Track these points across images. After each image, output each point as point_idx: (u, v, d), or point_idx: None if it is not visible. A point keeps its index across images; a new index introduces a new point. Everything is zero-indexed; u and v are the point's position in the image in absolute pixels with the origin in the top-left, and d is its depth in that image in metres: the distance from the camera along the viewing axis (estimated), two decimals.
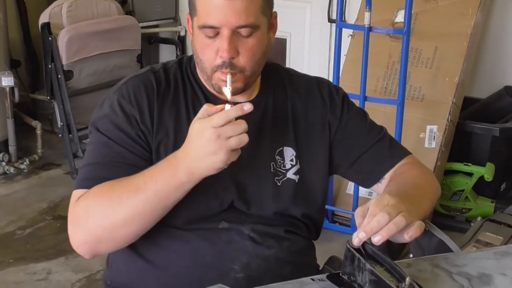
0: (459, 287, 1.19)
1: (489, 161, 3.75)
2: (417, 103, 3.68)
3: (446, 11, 3.78)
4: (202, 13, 1.46)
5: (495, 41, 4.17)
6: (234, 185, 1.53)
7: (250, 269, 1.50)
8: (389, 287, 1.11)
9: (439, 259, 1.28)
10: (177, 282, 1.47)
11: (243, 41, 1.47)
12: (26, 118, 4.55)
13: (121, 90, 1.55)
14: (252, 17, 1.45)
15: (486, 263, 1.26)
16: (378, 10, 3.58)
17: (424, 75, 3.73)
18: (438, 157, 3.60)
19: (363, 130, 1.66)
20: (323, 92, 1.66)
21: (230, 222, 1.54)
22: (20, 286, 3.06)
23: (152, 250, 1.52)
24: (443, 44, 3.74)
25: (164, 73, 1.59)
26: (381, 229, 1.21)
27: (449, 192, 3.74)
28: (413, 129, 3.60)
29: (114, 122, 1.52)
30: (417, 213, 1.32)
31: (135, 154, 1.50)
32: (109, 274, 1.66)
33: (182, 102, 1.57)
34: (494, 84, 4.13)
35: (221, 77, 1.49)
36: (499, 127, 3.79)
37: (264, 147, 1.58)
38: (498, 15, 4.12)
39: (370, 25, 3.41)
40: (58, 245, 3.35)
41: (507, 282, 1.20)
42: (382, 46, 3.72)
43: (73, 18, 4.26)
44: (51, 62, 4.15)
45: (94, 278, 3.10)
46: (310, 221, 1.65)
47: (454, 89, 3.67)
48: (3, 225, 3.62)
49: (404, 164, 1.63)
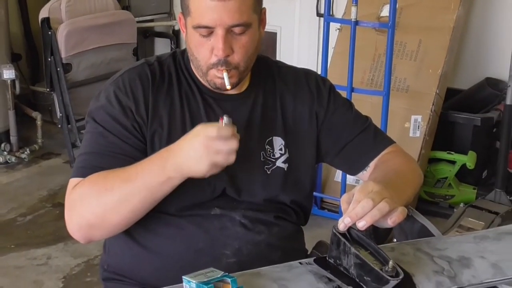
0: (440, 269, 1.19)
1: (471, 149, 3.76)
2: (402, 94, 3.68)
3: (430, 5, 3.78)
4: (196, 13, 1.46)
5: (477, 34, 4.17)
6: (226, 173, 1.53)
7: (241, 254, 1.50)
8: (373, 270, 1.12)
9: (421, 243, 1.29)
10: (170, 267, 1.47)
11: (236, 38, 1.47)
12: (27, 109, 4.54)
13: (117, 82, 1.55)
14: (245, 16, 1.45)
15: (466, 246, 1.27)
16: (364, 4, 3.58)
17: (408, 67, 3.73)
18: (422, 146, 3.61)
19: (349, 120, 1.66)
20: (310, 84, 1.66)
21: (222, 208, 1.54)
22: (21, 270, 3.06)
23: (146, 236, 1.52)
24: (427, 38, 3.75)
25: (159, 65, 1.58)
26: (366, 214, 1.21)
27: (433, 179, 3.75)
28: (398, 119, 3.61)
29: (110, 113, 1.51)
30: (400, 199, 1.33)
31: (130, 144, 1.49)
32: (106, 259, 1.66)
33: (176, 93, 1.56)
34: (476, 75, 4.14)
35: (216, 74, 1.49)
36: (480, 117, 3.81)
37: (254, 137, 1.58)
38: (480, 9, 4.12)
39: (356, 19, 3.42)
40: (57, 232, 3.35)
41: (486, 265, 1.21)
42: (368, 40, 3.72)
43: (71, 13, 4.25)
44: (50, 55, 4.15)
45: (92, 263, 3.10)
46: (298, 207, 1.65)
47: (437, 80, 3.68)
48: (5, 212, 3.62)
49: (388, 153, 1.63)
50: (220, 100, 1.58)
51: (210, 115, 1.56)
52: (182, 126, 1.54)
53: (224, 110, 1.55)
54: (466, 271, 1.19)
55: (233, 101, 1.59)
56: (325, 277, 1.16)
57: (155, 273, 1.51)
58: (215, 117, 1.55)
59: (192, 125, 1.52)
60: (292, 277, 1.16)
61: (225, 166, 1.36)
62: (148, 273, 1.53)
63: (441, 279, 1.17)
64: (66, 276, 3.04)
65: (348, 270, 1.17)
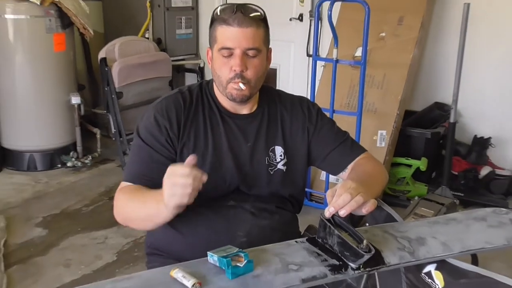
0: (402, 247, 1.19)
1: (423, 156, 3.77)
2: (371, 115, 3.68)
3: (392, 48, 3.79)
4: (221, 39, 1.47)
5: (428, 69, 4.19)
6: (239, 174, 1.53)
7: (251, 235, 1.50)
8: (352, 247, 1.11)
9: (387, 227, 1.28)
10: (197, 244, 1.46)
11: (250, 60, 1.47)
12: (89, 126, 4.56)
13: (157, 107, 1.54)
14: (257, 43, 1.47)
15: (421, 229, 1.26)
16: (343, 47, 3.58)
17: (376, 94, 3.73)
18: (386, 153, 3.61)
19: (332, 134, 1.65)
20: (303, 107, 1.65)
21: (236, 201, 1.54)
22: (85, 248, 3.06)
23: (179, 222, 1.50)
24: (390, 72, 3.75)
25: (189, 93, 1.58)
26: (345, 205, 1.20)
27: (395, 178, 3.74)
28: (369, 133, 3.61)
29: (150, 131, 1.51)
30: (371, 193, 1.32)
31: (163, 156, 1.49)
32: (149, 239, 1.66)
33: (201, 114, 1.56)
34: (427, 100, 4.17)
35: (234, 86, 1.49)
36: (430, 131, 3.82)
37: (261, 146, 1.58)
38: (430, 51, 4.15)
39: (337, 58, 3.43)
40: (112, 218, 3.27)
41: (437, 243, 1.20)
42: (345, 73, 3.72)
43: (122, 54, 4.28)
44: (107, 86, 4.17)
45: (138, 241, 3.10)
46: (294, 199, 1.65)
47: (398, 104, 3.68)
48: (73, 203, 3.63)
49: (361, 158, 1.63)
50: (235, 118, 1.58)
51: (227, 130, 1.56)
52: (205, 139, 1.53)
53: (238, 126, 1.56)
54: (422, 248, 1.18)
55: (245, 119, 1.59)
56: (315, 253, 1.16)
57: (185, 249, 1.50)
58: (231, 131, 1.55)
59: (212, 137, 1.53)
60: (290, 252, 1.16)
61: (186, 198, 1.24)
62: (180, 250, 1.53)
63: (403, 254, 1.16)
64: (119, 251, 3.04)
65: (332, 247, 1.16)
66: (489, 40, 3.93)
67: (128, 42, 4.39)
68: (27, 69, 4.02)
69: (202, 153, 1.51)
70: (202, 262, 1.11)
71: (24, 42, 3.98)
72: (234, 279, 1.05)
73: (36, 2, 3.83)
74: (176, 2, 4.87)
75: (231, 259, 1.07)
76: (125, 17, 4.94)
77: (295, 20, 4.59)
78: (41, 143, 4.17)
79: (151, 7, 4.77)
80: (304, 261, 1.12)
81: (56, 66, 4.10)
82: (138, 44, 4.47)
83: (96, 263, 2.90)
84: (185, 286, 1.02)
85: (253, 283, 1.04)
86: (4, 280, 2.62)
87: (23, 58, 4.00)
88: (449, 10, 4.01)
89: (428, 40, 4.11)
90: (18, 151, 4.17)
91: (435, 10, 4.04)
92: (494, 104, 4.00)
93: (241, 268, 1.06)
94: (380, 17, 3.72)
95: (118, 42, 4.33)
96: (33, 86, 4.06)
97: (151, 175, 1.46)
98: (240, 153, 1.55)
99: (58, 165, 4.24)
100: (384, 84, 3.75)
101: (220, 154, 1.53)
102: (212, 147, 1.53)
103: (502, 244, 1.22)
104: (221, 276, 1.05)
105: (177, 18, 4.92)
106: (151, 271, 1.16)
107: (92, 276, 2.78)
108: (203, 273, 1.06)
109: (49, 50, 4.01)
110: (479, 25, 3.82)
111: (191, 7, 5.00)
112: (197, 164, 1.28)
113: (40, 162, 4.20)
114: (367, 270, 1.11)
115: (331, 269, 1.10)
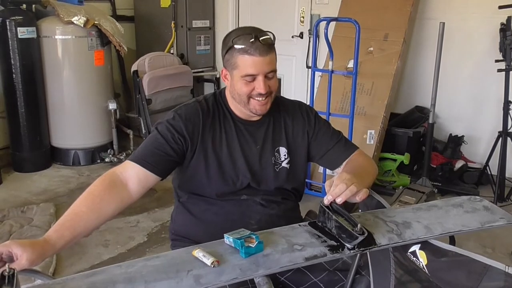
0: (390, 230, 1.17)
1: (406, 151, 3.75)
2: (361, 117, 3.65)
3: (379, 60, 3.76)
4: (243, 67, 1.42)
5: (409, 78, 4.17)
6: (250, 172, 1.51)
7: (261, 223, 1.49)
8: (347, 230, 1.09)
9: (378, 213, 1.26)
10: (215, 231, 1.42)
11: (269, 80, 1.45)
12: (123, 128, 4.56)
13: (177, 111, 1.51)
14: (274, 65, 1.44)
15: (407, 214, 1.24)
16: (337, 60, 3.57)
17: (365, 100, 3.71)
18: (375, 150, 3.58)
19: (328, 134, 1.62)
20: (302, 112, 1.63)
21: (248, 194, 1.52)
22: (120, 230, 3.06)
23: (200, 211, 1.50)
24: (377, 81, 3.72)
25: (205, 102, 1.54)
26: (342, 193, 1.19)
27: (382, 171, 3.72)
28: (359, 133, 3.58)
29: (167, 126, 1.47)
30: (364, 184, 1.30)
31: (169, 145, 1.44)
32: (172, 226, 1.64)
33: (217, 121, 1.53)
34: (409, 104, 4.16)
35: (258, 103, 1.46)
36: (412, 131, 3.81)
37: (268, 148, 1.56)
38: (411, 62, 4.14)
39: (332, 69, 3.41)
40: (143, 205, 3.35)
41: (420, 226, 1.18)
42: (339, 82, 3.71)
43: (151, 67, 4.28)
44: (138, 94, 4.17)
45: (165, 225, 3.10)
46: (296, 191, 1.63)
47: (384, 108, 3.65)
48: None
49: (354, 155, 1.60)
50: (246, 125, 1.55)
51: (239, 134, 1.53)
52: (220, 142, 1.51)
53: (249, 131, 1.54)
54: (408, 231, 1.16)
55: (254, 125, 1.56)
56: (316, 235, 1.14)
57: (205, 235, 1.47)
58: (243, 135, 1.53)
59: (227, 141, 1.51)
60: (294, 234, 1.14)
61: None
62: (200, 235, 1.50)
63: (391, 236, 1.14)
64: (149, 233, 3.04)
65: (330, 230, 1.15)
66: (462, 54, 3.92)
67: (156, 57, 4.38)
68: (72, 80, 4.05)
69: (218, 155, 1.49)
70: (219, 243, 1.09)
71: (70, 58, 4.02)
72: (247, 258, 1.04)
73: (80, 24, 3.89)
74: (196, 23, 4.90)
75: (244, 240, 1.05)
76: (153, 36, 4.95)
77: (296, 37, 4.58)
78: (84, 142, 4.20)
79: (175, 28, 4.79)
80: (306, 242, 1.10)
81: (96, 78, 4.13)
82: (164, 58, 4.46)
83: (130, 243, 2.90)
84: (205, 264, 1.01)
85: (263, 261, 1.03)
86: (54, 256, 2.63)
87: (69, 71, 4.03)
88: (427, 28, 3.99)
89: (410, 54, 4.09)
90: (65, 149, 4.20)
91: (415, 28, 4.02)
92: (466, 107, 3.99)
93: (252, 248, 1.05)
94: (368, 34, 3.71)
95: (148, 57, 4.32)
96: (77, 95, 4.09)
97: (152, 161, 1.41)
98: (251, 154, 1.53)
99: (98, 160, 4.25)
100: (372, 91, 3.72)
101: (234, 155, 1.51)
102: (227, 149, 1.50)
103: (476, 227, 1.20)
104: (236, 255, 1.04)
105: (197, 37, 4.95)
106: (176, 251, 1.14)
107: (127, 254, 2.78)
108: (220, 252, 1.05)
109: (90, 65, 4.05)
110: (453, 40, 3.85)
111: (209, 27, 5.05)
112: (214, 164, 1.28)
113: (83, 158, 4.22)
114: (361, 250, 1.09)
115: (330, 249, 1.08)
